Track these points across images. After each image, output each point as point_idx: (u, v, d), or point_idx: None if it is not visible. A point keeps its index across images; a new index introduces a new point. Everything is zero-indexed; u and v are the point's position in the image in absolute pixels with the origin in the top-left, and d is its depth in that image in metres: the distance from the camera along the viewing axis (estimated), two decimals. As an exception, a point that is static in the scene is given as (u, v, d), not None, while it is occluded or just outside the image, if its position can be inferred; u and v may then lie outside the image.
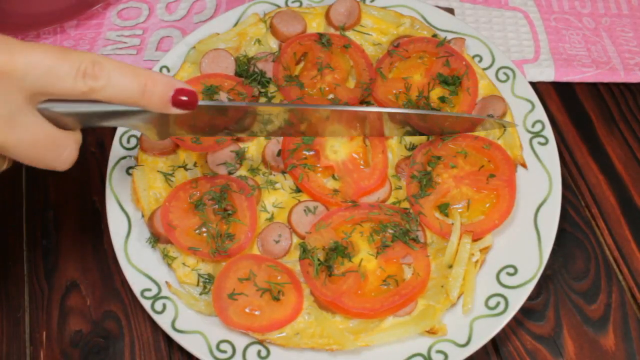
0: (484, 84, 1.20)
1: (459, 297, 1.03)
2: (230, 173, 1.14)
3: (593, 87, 1.33)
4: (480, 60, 1.24)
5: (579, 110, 1.30)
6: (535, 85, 1.30)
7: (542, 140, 1.15)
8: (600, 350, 1.07)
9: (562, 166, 1.17)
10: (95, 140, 1.29)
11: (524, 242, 1.07)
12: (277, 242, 1.08)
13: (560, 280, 1.13)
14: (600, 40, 1.38)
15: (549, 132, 1.15)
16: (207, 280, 1.06)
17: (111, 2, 1.46)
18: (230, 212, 1.09)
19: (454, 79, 1.19)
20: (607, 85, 1.33)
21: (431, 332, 1.01)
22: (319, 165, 1.14)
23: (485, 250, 1.06)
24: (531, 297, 1.04)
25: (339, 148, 1.14)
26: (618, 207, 1.20)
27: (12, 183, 1.26)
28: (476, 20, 1.41)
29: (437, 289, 1.03)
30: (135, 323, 1.11)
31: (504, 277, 1.05)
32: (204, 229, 1.09)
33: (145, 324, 1.11)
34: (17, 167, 0.97)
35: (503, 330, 1.02)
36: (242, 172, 1.15)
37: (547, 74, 1.33)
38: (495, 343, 1.07)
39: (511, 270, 1.05)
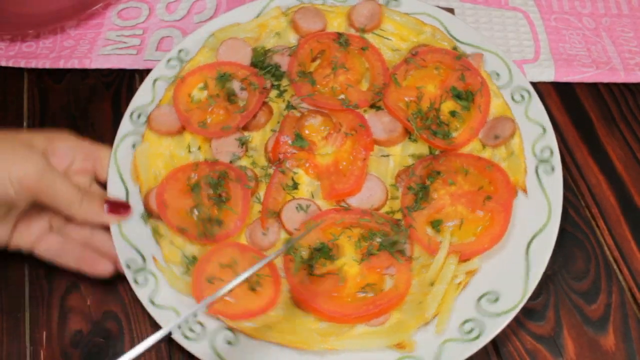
0: (498, 103, 1.17)
1: (434, 317, 1.01)
2: (232, 162, 1.15)
3: (593, 87, 1.33)
4: (498, 78, 1.21)
5: (579, 111, 1.30)
6: (535, 85, 1.29)
7: (548, 167, 1.12)
8: (600, 350, 1.07)
9: (564, 168, 1.16)
10: (95, 138, 1.29)
11: (511, 270, 1.04)
12: (264, 234, 1.09)
13: (561, 280, 1.13)
14: (600, 40, 1.38)
15: (556, 160, 1.12)
16: (190, 262, 1.07)
17: (111, 2, 1.46)
18: (224, 199, 1.10)
19: (467, 94, 1.16)
20: (607, 85, 1.33)
21: (399, 346, 0.99)
22: (307, 164, 1.15)
23: (470, 273, 1.04)
24: (531, 297, 1.04)
25: (329, 153, 1.15)
26: (618, 207, 1.20)
27: (12, 183, 1.26)
28: (476, 20, 1.41)
29: (415, 305, 1.02)
30: (136, 323, 1.11)
31: (484, 303, 1.02)
32: (196, 212, 1.09)
33: (145, 324, 1.11)
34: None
35: (503, 331, 1.02)
36: (244, 162, 1.16)
37: (547, 74, 1.33)
38: (495, 343, 1.07)
39: (493, 297, 1.03)
